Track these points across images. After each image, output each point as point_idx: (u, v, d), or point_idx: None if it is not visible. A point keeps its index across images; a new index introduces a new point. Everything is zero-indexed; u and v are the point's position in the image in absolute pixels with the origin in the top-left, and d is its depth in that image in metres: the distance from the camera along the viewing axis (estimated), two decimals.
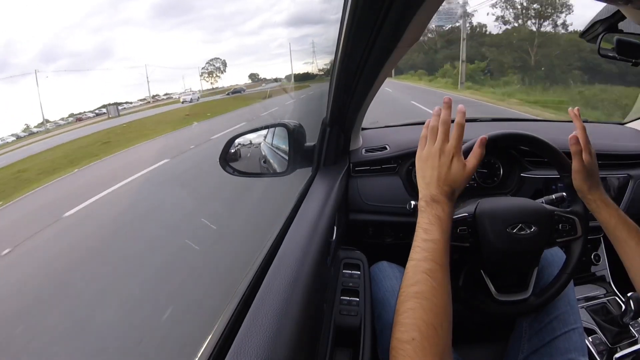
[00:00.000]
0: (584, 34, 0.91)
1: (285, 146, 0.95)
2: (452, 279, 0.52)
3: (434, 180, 0.57)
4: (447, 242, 0.51)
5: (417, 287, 0.45)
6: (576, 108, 0.71)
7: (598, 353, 0.87)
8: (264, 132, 1.11)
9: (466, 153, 0.60)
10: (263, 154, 1.14)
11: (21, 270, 3.19)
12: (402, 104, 9.51)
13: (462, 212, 0.70)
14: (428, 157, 0.59)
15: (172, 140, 9.18)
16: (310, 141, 0.99)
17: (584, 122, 0.70)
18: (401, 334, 0.42)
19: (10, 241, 3.74)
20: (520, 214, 0.68)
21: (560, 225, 0.69)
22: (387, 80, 0.77)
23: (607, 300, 1.02)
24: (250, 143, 1.01)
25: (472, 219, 0.69)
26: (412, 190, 1.02)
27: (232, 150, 0.92)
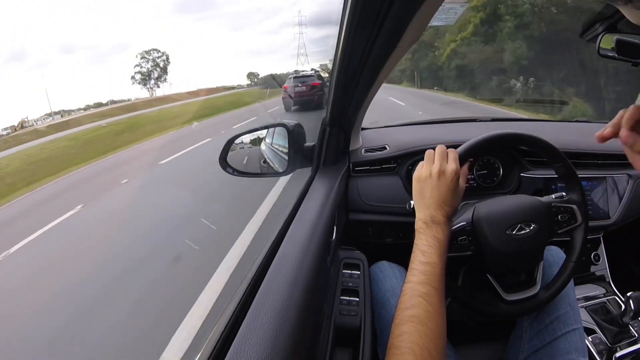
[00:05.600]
0: (583, 33, 0.91)
1: (285, 146, 0.95)
2: (451, 280, 0.52)
3: (434, 200, 0.57)
4: (444, 265, 0.52)
5: (412, 311, 0.46)
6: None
7: (598, 353, 0.87)
8: (264, 132, 1.11)
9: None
10: (263, 154, 1.14)
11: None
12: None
13: (460, 221, 0.70)
14: (427, 177, 0.60)
15: None
16: (310, 141, 0.99)
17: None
18: (396, 357, 0.42)
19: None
20: (517, 213, 0.67)
21: (559, 216, 0.69)
22: None
23: (607, 300, 1.02)
24: (250, 143, 1.01)
25: (471, 226, 0.69)
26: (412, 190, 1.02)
27: (232, 150, 0.92)
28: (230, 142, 0.91)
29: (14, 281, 2.94)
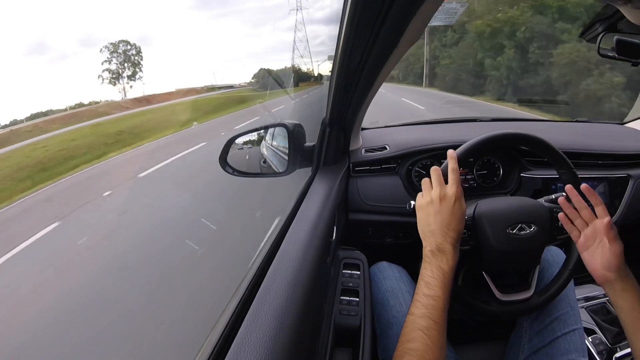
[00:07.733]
0: (583, 33, 0.91)
1: (285, 146, 0.95)
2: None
3: (438, 226, 0.57)
4: (447, 298, 0.52)
5: (412, 344, 0.47)
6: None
7: (598, 353, 0.87)
8: (264, 132, 1.11)
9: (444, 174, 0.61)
10: (263, 154, 1.14)
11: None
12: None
13: None
14: (429, 203, 0.59)
15: None
16: (310, 141, 0.99)
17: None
18: None
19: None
20: (519, 213, 0.68)
21: (559, 222, 0.69)
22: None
23: (607, 300, 1.02)
24: (250, 143, 1.01)
25: (472, 221, 0.69)
26: (412, 190, 1.02)
27: (232, 150, 0.92)
28: (230, 142, 0.91)
29: None
